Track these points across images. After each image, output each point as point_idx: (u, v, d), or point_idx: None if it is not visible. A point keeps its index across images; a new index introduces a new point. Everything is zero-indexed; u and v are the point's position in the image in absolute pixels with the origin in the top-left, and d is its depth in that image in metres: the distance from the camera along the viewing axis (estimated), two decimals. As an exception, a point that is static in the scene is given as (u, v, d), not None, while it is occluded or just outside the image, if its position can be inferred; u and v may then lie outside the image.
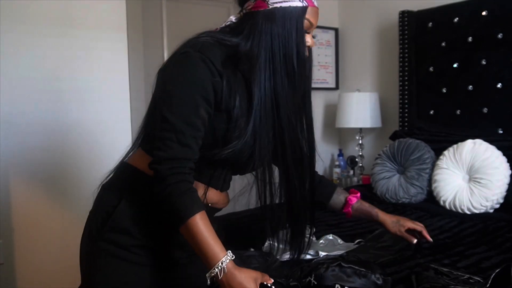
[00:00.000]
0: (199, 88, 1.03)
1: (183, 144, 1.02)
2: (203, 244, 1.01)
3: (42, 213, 2.51)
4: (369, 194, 2.65)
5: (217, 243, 1.02)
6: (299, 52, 1.10)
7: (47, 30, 2.46)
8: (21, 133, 2.37)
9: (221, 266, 1.00)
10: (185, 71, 1.04)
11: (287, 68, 1.10)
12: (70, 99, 2.50)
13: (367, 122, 3.13)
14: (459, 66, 2.72)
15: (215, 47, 1.07)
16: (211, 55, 1.05)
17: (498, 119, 2.55)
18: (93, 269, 1.14)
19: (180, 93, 1.03)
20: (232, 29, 1.14)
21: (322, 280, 1.12)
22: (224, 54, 1.08)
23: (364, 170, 3.24)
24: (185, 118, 1.03)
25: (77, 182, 2.50)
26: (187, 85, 1.03)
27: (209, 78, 1.04)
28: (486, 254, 1.63)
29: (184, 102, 1.03)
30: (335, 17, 3.59)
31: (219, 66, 1.05)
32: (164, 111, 1.03)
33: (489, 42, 2.57)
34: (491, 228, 1.96)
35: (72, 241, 1.14)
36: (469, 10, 2.65)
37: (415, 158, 2.51)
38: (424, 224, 2.07)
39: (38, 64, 2.43)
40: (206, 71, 1.04)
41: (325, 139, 3.60)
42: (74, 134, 2.47)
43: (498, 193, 2.19)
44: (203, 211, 1.03)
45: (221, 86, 1.05)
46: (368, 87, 3.39)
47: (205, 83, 1.03)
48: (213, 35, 1.11)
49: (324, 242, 1.77)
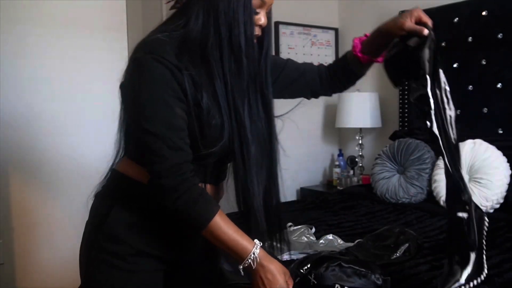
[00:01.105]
0: (164, 89, 0.99)
1: (175, 149, 0.99)
2: (230, 241, 1.02)
3: (42, 213, 2.52)
4: (369, 194, 2.65)
5: (243, 236, 1.03)
6: (246, 32, 1.03)
7: (47, 30, 2.46)
8: (21, 133, 2.37)
9: (253, 256, 1.02)
10: (144, 77, 1.00)
11: (233, 49, 1.03)
12: (70, 99, 2.50)
13: (367, 122, 3.13)
14: (459, 66, 2.72)
15: (165, 42, 1.02)
16: (163, 52, 1.00)
17: (498, 119, 2.55)
18: (91, 279, 1.12)
19: (150, 101, 0.99)
20: (179, 14, 1.08)
21: (322, 280, 1.12)
22: (176, 46, 1.02)
23: (364, 170, 3.24)
24: (165, 123, 0.99)
25: (77, 182, 2.50)
26: (153, 91, 0.99)
27: (170, 76, 0.99)
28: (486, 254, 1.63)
29: (157, 108, 0.99)
30: (335, 17, 3.59)
31: (175, 61, 1.00)
32: (142, 124, 0.99)
33: (489, 42, 2.57)
34: (491, 228, 1.95)
35: (72, 241, 1.14)
36: (469, 10, 2.65)
37: (415, 158, 2.51)
38: (424, 224, 2.10)
39: (38, 64, 2.43)
40: (164, 70, 0.99)
41: (325, 139, 3.60)
42: (74, 134, 2.47)
43: (498, 193, 2.19)
44: (219, 210, 1.04)
45: (183, 80, 1.00)
46: (368, 87, 3.39)
47: (168, 83, 0.99)
48: (163, 28, 1.07)
49: (324, 242, 1.77)
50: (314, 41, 3.46)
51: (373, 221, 2.18)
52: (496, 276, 1.41)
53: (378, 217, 2.27)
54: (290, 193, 3.40)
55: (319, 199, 2.65)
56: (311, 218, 2.22)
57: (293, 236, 1.82)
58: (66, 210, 2.51)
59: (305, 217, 2.25)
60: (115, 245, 1.08)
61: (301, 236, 1.82)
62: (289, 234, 1.84)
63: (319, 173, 3.58)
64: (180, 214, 1.01)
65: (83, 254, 1.14)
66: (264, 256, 1.04)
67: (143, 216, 1.08)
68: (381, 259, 1.45)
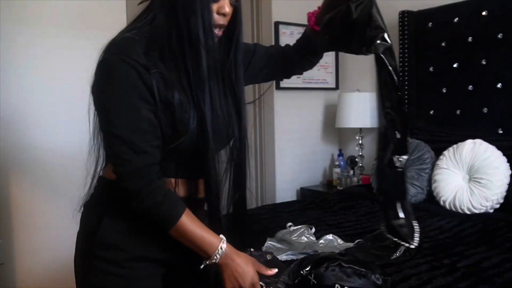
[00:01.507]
0: (130, 90, 0.97)
1: (139, 152, 0.99)
2: (197, 239, 1.02)
3: (42, 213, 2.52)
4: (369, 194, 2.65)
5: (209, 233, 1.04)
6: (204, 21, 1.00)
7: (47, 30, 2.46)
8: (21, 133, 2.37)
9: (220, 251, 1.03)
10: (110, 79, 0.99)
11: (191, 41, 1.01)
12: (70, 99, 2.50)
13: (367, 122, 3.12)
14: (459, 66, 2.72)
15: (134, 41, 1.00)
16: (130, 51, 0.98)
17: (498, 119, 2.55)
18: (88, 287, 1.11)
19: (115, 103, 0.98)
20: (147, 10, 1.08)
21: (322, 279, 1.12)
22: (145, 44, 1.01)
23: (364, 170, 3.24)
24: (129, 126, 0.98)
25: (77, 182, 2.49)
26: (118, 93, 0.98)
27: (136, 76, 0.97)
28: (486, 254, 1.63)
29: (122, 110, 0.98)
30: (335, 17, 3.58)
31: (143, 60, 0.98)
32: (108, 127, 1.00)
33: (489, 42, 2.57)
34: (491, 228, 1.96)
35: (72, 240, 1.13)
36: (469, 10, 2.65)
37: (415, 158, 2.51)
38: (424, 224, 2.09)
39: (37, 64, 2.43)
40: (130, 71, 0.97)
41: (325, 139, 3.60)
42: (74, 134, 2.47)
43: (498, 193, 2.19)
44: (186, 210, 1.03)
45: (150, 80, 0.98)
46: (368, 87, 3.39)
47: (134, 84, 0.97)
48: (133, 26, 1.05)
49: (324, 242, 1.77)
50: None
51: (373, 221, 2.18)
52: (496, 276, 1.41)
53: (378, 217, 2.26)
54: (290, 193, 3.40)
55: (319, 199, 2.65)
56: (311, 218, 2.22)
57: (293, 236, 1.82)
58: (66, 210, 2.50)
59: (305, 217, 2.25)
60: (111, 252, 1.07)
61: (301, 236, 1.82)
62: (289, 234, 1.84)
63: (319, 173, 3.58)
64: (147, 215, 1.02)
65: (79, 265, 1.13)
66: (231, 250, 1.06)
67: (136, 221, 1.06)
68: (381, 259, 1.45)
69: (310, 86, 3.46)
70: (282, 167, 3.36)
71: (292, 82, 3.37)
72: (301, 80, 3.41)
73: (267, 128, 3.31)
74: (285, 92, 3.35)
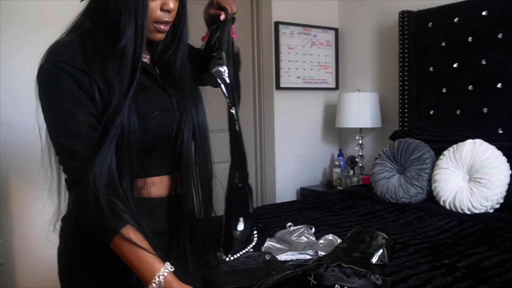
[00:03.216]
0: (64, 97, 0.95)
1: (80, 159, 0.95)
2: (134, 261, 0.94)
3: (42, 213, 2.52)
4: (369, 194, 2.65)
5: (150, 256, 0.94)
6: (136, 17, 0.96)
7: (47, 30, 2.46)
8: (21, 133, 2.37)
9: (158, 280, 0.92)
10: (45, 87, 0.97)
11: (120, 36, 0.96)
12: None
13: (367, 122, 3.13)
14: (459, 66, 2.72)
15: (71, 44, 0.97)
16: (66, 56, 0.95)
17: (498, 119, 2.55)
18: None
19: (51, 111, 0.97)
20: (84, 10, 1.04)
21: (322, 280, 1.12)
22: (83, 45, 0.97)
23: (364, 170, 3.24)
24: (67, 133, 0.95)
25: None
26: (53, 100, 0.96)
27: (71, 81, 0.94)
28: (486, 254, 1.63)
29: (57, 119, 0.96)
30: (335, 17, 3.59)
31: (80, 64, 0.95)
32: (50, 136, 0.99)
33: (489, 42, 2.57)
34: (491, 228, 1.96)
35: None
36: (469, 10, 2.65)
37: (415, 158, 2.51)
38: (424, 224, 2.10)
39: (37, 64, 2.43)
40: (64, 76, 0.94)
41: (325, 139, 3.60)
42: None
43: (498, 193, 2.19)
44: (128, 225, 0.95)
45: (88, 83, 0.95)
46: (368, 87, 3.39)
47: (69, 89, 0.94)
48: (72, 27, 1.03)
49: (324, 242, 1.77)
50: (314, 41, 3.45)
51: (373, 221, 2.18)
52: (496, 276, 1.41)
53: (378, 217, 2.27)
54: (290, 193, 3.40)
55: (319, 199, 2.65)
56: (311, 218, 2.22)
57: (293, 236, 1.82)
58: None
59: (305, 217, 2.25)
60: (97, 264, 1.03)
61: (301, 236, 1.82)
62: (289, 234, 1.84)
63: (319, 173, 3.58)
64: (87, 224, 0.96)
65: (64, 281, 1.09)
66: (172, 281, 0.93)
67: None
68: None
69: (310, 86, 3.46)
70: (282, 167, 3.36)
71: (292, 82, 3.37)
72: (301, 80, 3.41)
73: (267, 128, 3.31)
74: (285, 92, 3.35)
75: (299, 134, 3.44)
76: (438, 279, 1.40)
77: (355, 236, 1.47)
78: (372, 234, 1.46)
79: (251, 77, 3.31)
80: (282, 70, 3.30)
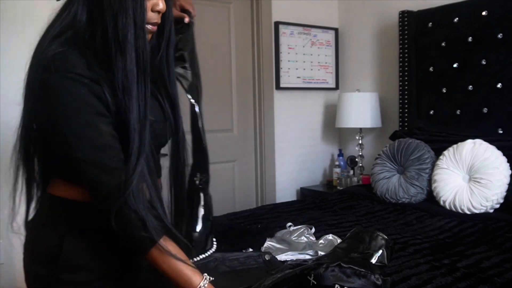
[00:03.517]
0: (84, 108, 0.90)
1: (109, 171, 0.91)
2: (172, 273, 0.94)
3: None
4: (369, 194, 2.65)
5: (188, 268, 0.95)
6: (135, 20, 0.92)
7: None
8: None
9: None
10: (59, 102, 0.90)
11: (119, 42, 0.92)
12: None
13: (367, 122, 3.13)
14: (459, 66, 2.72)
15: (68, 53, 0.92)
16: (71, 66, 0.90)
17: (498, 119, 2.55)
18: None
19: (70, 126, 0.90)
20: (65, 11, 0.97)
21: (322, 280, 1.11)
22: (81, 54, 0.93)
23: (364, 170, 3.24)
24: (92, 147, 0.90)
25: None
26: (71, 114, 0.90)
27: (86, 91, 0.90)
28: (486, 254, 1.63)
29: (80, 132, 0.90)
30: (335, 17, 3.59)
31: (87, 73, 0.91)
32: (69, 153, 0.91)
33: (489, 42, 2.56)
34: (491, 228, 1.96)
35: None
36: (469, 10, 2.65)
37: (415, 158, 2.50)
38: (424, 224, 2.09)
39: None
40: (78, 86, 0.90)
41: (325, 139, 3.60)
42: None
43: (498, 193, 2.19)
44: (163, 237, 0.94)
45: (101, 91, 0.92)
46: (368, 87, 3.39)
47: (86, 100, 0.90)
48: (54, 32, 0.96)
49: (324, 242, 1.77)
50: (314, 41, 3.45)
51: (373, 221, 2.18)
52: (496, 276, 1.41)
53: (378, 217, 2.27)
54: (290, 193, 3.40)
55: (319, 199, 2.65)
56: (311, 218, 2.22)
57: (293, 236, 1.82)
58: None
59: (305, 217, 2.25)
60: (78, 273, 0.99)
61: (301, 236, 1.82)
62: (289, 234, 1.84)
63: (319, 173, 3.58)
64: (122, 237, 0.94)
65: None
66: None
67: (100, 238, 0.98)
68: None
69: (310, 86, 3.46)
70: (282, 167, 3.36)
71: (292, 82, 3.37)
72: (301, 80, 3.41)
73: (267, 128, 3.31)
74: (285, 92, 3.35)
75: (299, 134, 3.44)
76: (438, 279, 1.40)
77: (355, 236, 1.46)
78: (372, 234, 1.46)
79: (251, 77, 3.31)
80: (282, 70, 3.30)
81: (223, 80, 3.17)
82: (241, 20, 3.24)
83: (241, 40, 3.24)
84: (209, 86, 3.13)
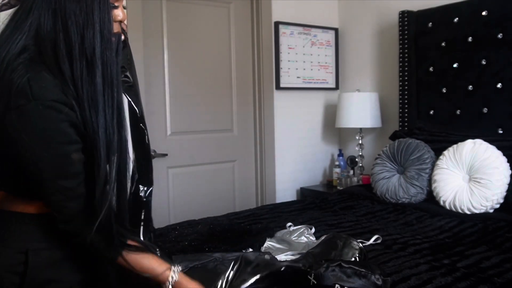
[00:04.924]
0: (58, 138, 0.90)
1: (74, 198, 0.94)
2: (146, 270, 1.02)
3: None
4: (369, 194, 2.65)
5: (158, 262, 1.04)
6: (102, 32, 0.91)
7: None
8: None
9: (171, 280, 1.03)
10: (34, 130, 0.88)
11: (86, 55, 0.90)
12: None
13: (367, 122, 3.13)
14: (459, 66, 2.72)
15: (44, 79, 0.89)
16: (50, 94, 0.88)
17: (498, 119, 2.55)
18: None
19: (44, 154, 0.90)
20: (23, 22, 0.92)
21: (322, 280, 1.12)
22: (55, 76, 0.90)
23: (364, 170, 3.24)
24: (61, 175, 0.92)
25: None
26: (46, 142, 0.89)
27: (62, 120, 0.89)
28: (486, 254, 1.63)
29: (52, 161, 0.90)
30: (335, 17, 3.59)
31: (62, 97, 0.89)
32: (39, 175, 0.91)
33: (489, 42, 2.57)
34: (491, 228, 1.96)
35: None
36: (469, 10, 2.65)
37: (415, 158, 2.51)
38: (424, 224, 2.10)
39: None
40: (57, 116, 0.88)
41: (325, 139, 3.60)
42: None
43: (498, 193, 2.19)
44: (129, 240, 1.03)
45: (75, 116, 0.91)
46: (368, 87, 3.39)
47: (62, 129, 0.89)
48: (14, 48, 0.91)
49: (324, 242, 1.77)
50: (314, 41, 3.46)
51: (373, 221, 2.18)
52: (496, 276, 1.41)
53: (378, 217, 2.27)
54: (290, 193, 3.40)
55: (319, 199, 2.65)
56: (311, 218, 2.22)
57: (293, 236, 1.82)
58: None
59: (305, 217, 2.25)
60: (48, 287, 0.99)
61: (301, 236, 1.82)
62: (289, 234, 1.84)
63: (319, 173, 3.58)
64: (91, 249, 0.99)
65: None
66: (183, 278, 1.06)
67: (65, 247, 1.00)
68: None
69: (310, 86, 3.46)
70: (282, 167, 3.36)
71: (292, 82, 3.37)
72: (301, 80, 3.41)
73: (267, 128, 3.31)
74: (285, 92, 3.35)
75: (299, 134, 3.44)
76: (438, 279, 1.41)
77: (328, 242, 1.46)
78: (346, 240, 1.46)
79: (251, 77, 3.31)
80: (282, 70, 3.30)
81: (223, 80, 3.17)
82: (241, 20, 3.23)
83: (241, 40, 3.24)
84: (209, 86, 3.14)
